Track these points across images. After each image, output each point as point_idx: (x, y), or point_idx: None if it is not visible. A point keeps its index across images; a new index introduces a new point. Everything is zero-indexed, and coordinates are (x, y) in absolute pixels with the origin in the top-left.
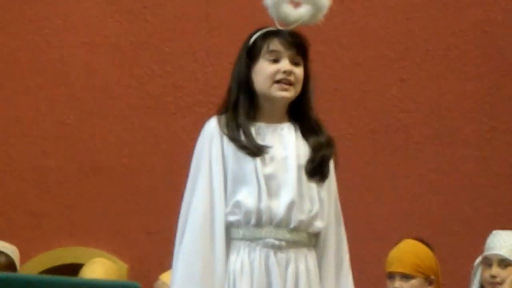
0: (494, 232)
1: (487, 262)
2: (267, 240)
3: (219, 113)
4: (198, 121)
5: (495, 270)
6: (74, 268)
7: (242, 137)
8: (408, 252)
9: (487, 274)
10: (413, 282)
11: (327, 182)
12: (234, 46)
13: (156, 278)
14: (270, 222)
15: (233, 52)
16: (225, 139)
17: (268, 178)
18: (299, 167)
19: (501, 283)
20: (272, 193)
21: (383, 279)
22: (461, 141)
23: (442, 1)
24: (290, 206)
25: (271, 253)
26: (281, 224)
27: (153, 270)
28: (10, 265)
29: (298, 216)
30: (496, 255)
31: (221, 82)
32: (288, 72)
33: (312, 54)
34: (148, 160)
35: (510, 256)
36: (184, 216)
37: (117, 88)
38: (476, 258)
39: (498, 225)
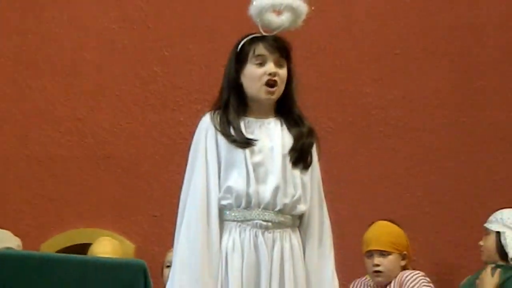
0: None
1: None
2: (255, 221)
3: (213, 109)
4: (194, 116)
5: None
6: (86, 248)
7: (232, 132)
8: (384, 232)
9: None
10: (390, 257)
11: (310, 170)
12: (226, 51)
13: (160, 256)
14: (258, 205)
15: (225, 55)
16: (218, 133)
17: (256, 166)
18: (284, 156)
19: None
20: (260, 179)
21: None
22: (431, 131)
23: (412, 8)
24: (276, 191)
25: (259, 233)
26: (268, 207)
27: (157, 249)
28: None
29: (282, 200)
30: None
31: (214, 82)
32: (273, 74)
33: (295, 56)
34: (151, 151)
35: None
36: (183, 201)
37: (123, 87)
38: (444, 237)
39: (463, 207)
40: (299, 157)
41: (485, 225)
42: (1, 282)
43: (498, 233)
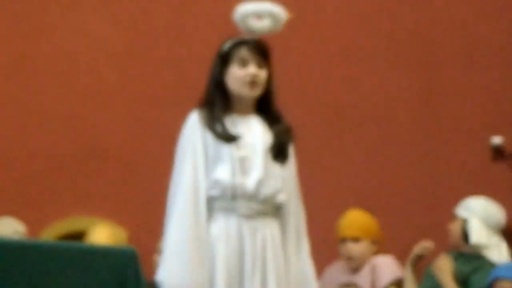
0: None
1: None
2: (240, 211)
3: (199, 107)
4: (181, 113)
5: None
6: (84, 235)
7: (218, 128)
8: (356, 219)
9: None
10: (362, 244)
11: (288, 163)
12: (210, 53)
13: (151, 244)
14: (243, 196)
15: (211, 56)
16: (205, 129)
17: (241, 160)
18: (265, 150)
19: None
20: (244, 171)
21: (336, 244)
22: (398, 124)
23: (379, 12)
24: (259, 183)
25: (244, 221)
26: (252, 197)
27: (149, 237)
28: None
29: (265, 191)
30: None
31: (199, 82)
32: (255, 75)
33: (275, 59)
34: (141, 145)
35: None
36: (173, 193)
37: (115, 87)
38: (412, 222)
39: (428, 195)
40: (279, 152)
41: (455, 210)
42: None
43: (464, 219)
